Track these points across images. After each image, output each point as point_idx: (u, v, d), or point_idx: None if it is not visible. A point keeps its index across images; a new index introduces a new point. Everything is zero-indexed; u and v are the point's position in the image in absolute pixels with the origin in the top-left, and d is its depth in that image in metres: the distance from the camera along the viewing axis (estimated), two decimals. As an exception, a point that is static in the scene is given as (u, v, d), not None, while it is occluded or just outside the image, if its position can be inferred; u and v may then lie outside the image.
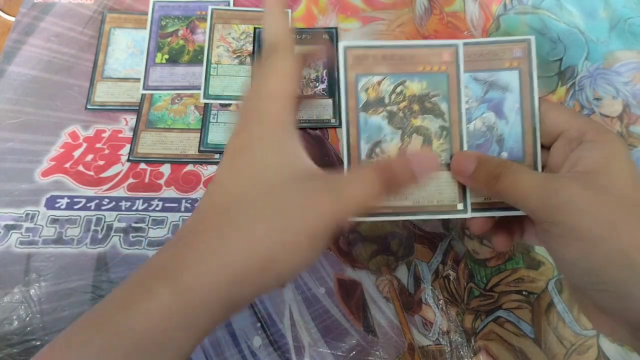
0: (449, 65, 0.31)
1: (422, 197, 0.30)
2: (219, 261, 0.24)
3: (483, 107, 0.31)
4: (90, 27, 0.49)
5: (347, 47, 0.30)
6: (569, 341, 0.36)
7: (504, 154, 0.31)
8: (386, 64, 0.30)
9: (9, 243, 0.39)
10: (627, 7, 0.51)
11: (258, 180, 0.25)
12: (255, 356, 0.36)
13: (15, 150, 0.43)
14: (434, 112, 0.31)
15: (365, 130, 0.30)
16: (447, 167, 0.30)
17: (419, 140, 0.30)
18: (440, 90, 0.31)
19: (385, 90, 0.30)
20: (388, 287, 0.38)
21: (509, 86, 0.31)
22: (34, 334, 0.36)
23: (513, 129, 0.31)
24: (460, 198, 0.30)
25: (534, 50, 0.31)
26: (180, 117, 0.46)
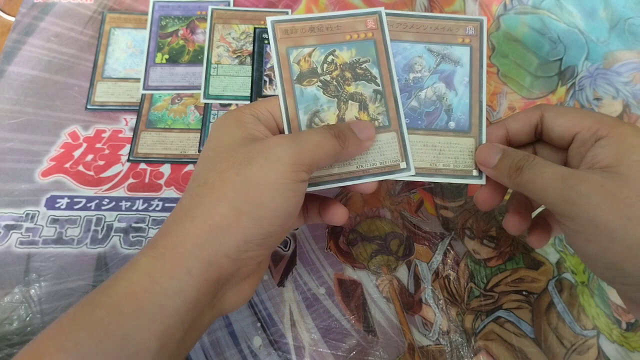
0: (374, 31, 0.32)
1: (365, 160, 0.31)
2: (191, 219, 0.25)
3: (435, 77, 0.33)
4: (90, 27, 0.49)
5: (274, 21, 0.31)
6: (569, 341, 0.36)
7: (452, 123, 0.32)
8: (314, 36, 0.31)
9: (9, 243, 0.39)
10: (627, 7, 0.51)
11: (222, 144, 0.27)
12: (255, 356, 0.36)
13: (15, 150, 0.43)
14: (366, 77, 0.32)
15: (302, 101, 0.31)
16: (385, 128, 0.31)
17: (355, 106, 0.31)
18: (370, 56, 0.32)
19: (316, 61, 0.31)
20: (388, 287, 0.38)
21: (460, 60, 0.33)
22: (34, 334, 0.36)
23: (461, 100, 0.32)
24: (402, 157, 0.31)
25: (485, 29, 0.33)
26: (180, 117, 0.46)
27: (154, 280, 0.23)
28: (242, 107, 0.29)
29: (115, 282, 0.24)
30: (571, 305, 0.38)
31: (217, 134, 0.28)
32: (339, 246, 0.40)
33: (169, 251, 0.24)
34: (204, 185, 0.26)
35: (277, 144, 0.26)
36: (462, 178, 0.32)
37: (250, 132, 0.27)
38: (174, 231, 0.25)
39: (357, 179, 0.30)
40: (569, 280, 0.39)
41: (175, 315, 0.23)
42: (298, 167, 0.25)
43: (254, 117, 0.29)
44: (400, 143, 0.31)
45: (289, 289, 0.38)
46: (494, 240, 0.40)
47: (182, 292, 0.23)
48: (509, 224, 0.32)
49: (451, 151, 0.32)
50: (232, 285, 0.27)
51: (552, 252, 0.40)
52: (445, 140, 0.32)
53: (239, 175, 0.25)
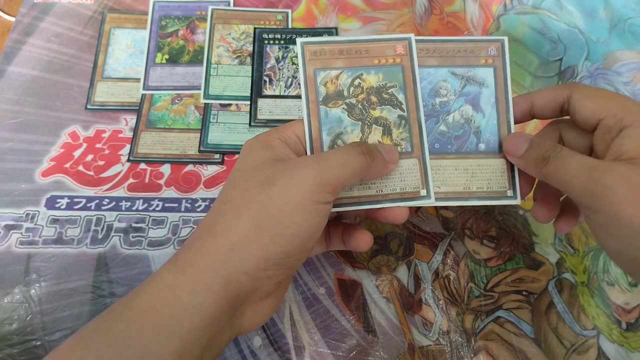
0: (403, 57, 0.32)
1: (385, 185, 0.31)
2: (213, 235, 0.25)
3: (461, 100, 0.33)
4: (90, 27, 0.49)
5: (304, 42, 0.31)
6: (569, 341, 0.36)
7: (482, 145, 0.32)
8: (343, 59, 0.31)
9: (9, 243, 0.39)
10: (627, 7, 0.51)
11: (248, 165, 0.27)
12: (255, 356, 0.36)
13: (15, 150, 0.43)
14: (391, 102, 0.32)
15: (327, 123, 0.31)
16: (408, 155, 0.31)
17: (379, 130, 0.31)
18: (396, 81, 0.32)
19: (343, 84, 0.31)
20: (388, 287, 0.38)
21: (485, 82, 0.33)
22: (34, 334, 0.36)
23: (489, 121, 0.32)
24: (423, 184, 0.31)
25: (507, 49, 0.33)
26: (180, 117, 0.46)
27: (175, 295, 0.23)
28: (271, 131, 0.29)
29: (136, 295, 0.24)
30: (571, 305, 0.38)
31: (245, 156, 0.28)
32: (339, 246, 0.40)
33: (190, 266, 0.24)
34: (227, 203, 0.26)
35: (301, 165, 0.26)
36: (497, 200, 0.32)
37: (277, 154, 0.28)
38: (196, 247, 0.25)
39: (376, 204, 0.30)
40: (569, 280, 0.39)
41: (193, 331, 0.23)
42: (321, 187, 0.25)
43: (282, 141, 0.29)
44: (422, 170, 0.31)
45: (289, 289, 0.38)
46: (494, 240, 0.40)
47: (201, 308, 0.23)
48: (538, 214, 0.31)
49: (483, 173, 0.32)
50: (251, 304, 0.27)
51: (552, 252, 0.40)
52: (476, 163, 0.32)
53: (261, 194, 0.25)
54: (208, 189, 0.42)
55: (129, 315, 0.23)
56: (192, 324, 0.23)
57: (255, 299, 0.27)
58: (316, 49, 0.31)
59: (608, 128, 0.27)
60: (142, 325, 0.22)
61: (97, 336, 0.22)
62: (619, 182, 0.24)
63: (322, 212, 0.26)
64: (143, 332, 0.22)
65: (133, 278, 0.38)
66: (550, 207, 0.31)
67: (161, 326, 0.22)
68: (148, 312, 0.23)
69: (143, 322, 0.22)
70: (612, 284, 0.38)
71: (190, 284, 0.24)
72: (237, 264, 0.24)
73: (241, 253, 0.24)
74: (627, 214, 0.23)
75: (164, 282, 0.24)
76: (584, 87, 0.29)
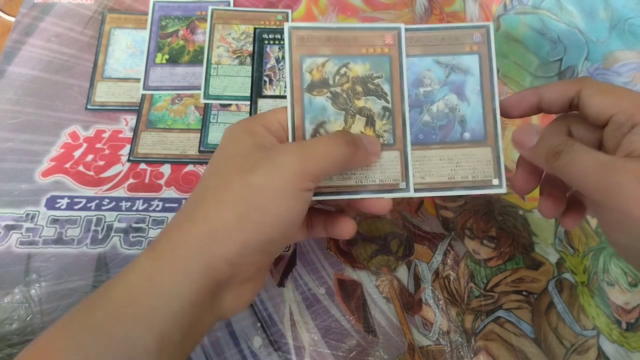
0: (391, 47, 0.31)
1: (365, 176, 0.30)
2: (192, 221, 0.25)
3: (445, 90, 0.32)
4: (90, 27, 0.49)
5: (291, 27, 0.30)
6: (569, 341, 0.36)
7: (467, 134, 0.32)
8: (330, 46, 0.31)
9: (9, 243, 0.39)
10: (627, 7, 0.51)
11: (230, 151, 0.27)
12: (255, 356, 0.36)
13: (15, 150, 0.43)
14: (377, 93, 0.31)
15: (310, 111, 0.30)
16: (390, 146, 0.31)
17: (362, 121, 0.31)
18: (383, 72, 0.31)
19: (329, 72, 0.31)
20: (388, 287, 0.38)
21: (469, 69, 0.32)
22: (35, 334, 0.36)
23: (475, 110, 0.32)
24: (403, 177, 0.31)
25: (492, 35, 0.32)
26: (181, 118, 0.46)
27: (153, 282, 0.23)
28: (254, 117, 0.29)
29: (114, 284, 0.24)
30: (571, 305, 0.38)
31: (227, 142, 0.28)
32: (339, 246, 0.40)
33: (169, 253, 0.24)
34: (208, 189, 0.26)
35: (284, 152, 0.26)
36: (482, 189, 0.31)
37: (259, 141, 0.27)
38: (175, 233, 0.25)
39: (355, 194, 0.30)
40: (569, 280, 0.39)
41: (173, 318, 0.23)
42: (304, 175, 0.25)
43: (265, 128, 0.29)
44: (402, 163, 0.31)
45: (289, 289, 0.38)
46: (494, 241, 0.40)
47: (180, 295, 0.23)
48: (544, 208, 0.31)
49: (468, 162, 0.32)
50: (231, 288, 0.26)
51: (552, 252, 0.40)
52: (461, 152, 0.32)
53: (243, 180, 0.25)
54: (208, 189, 0.42)
55: (107, 304, 0.23)
56: (172, 311, 0.23)
57: (234, 284, 0.26)
58: (304, 34, 0.30)
59: (619, 124, 0.27)
60: (121, 314, 0.22)
61: (78, 325, 0.22)
62: (630, 180, 0.23)
63: (304, 199, 0.26)
64: (123, 321, 0.22)
65: (133, 278, 0.38)
66: (557, 202, 0.31)
67: (141, 315, 0.22)
68: (127, 300, 0.23)
69: (122, 311, 0.22)
70: (612, 284, 0.38)
71: (169, 271, 0.23)
72: (216, 251, 0.24)
73: (221, 240, 0.24)
74: (638, 212, 0.23)
75: (142, 269, 0.24)
76: (595, 82, 0.29)
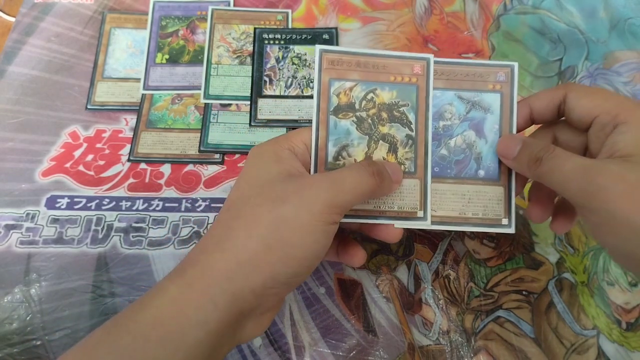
0: (419, 77, 0.32)
1: (383, 201, 0.31)
2: (222, 251, 0.25)
3: (465, 125, 0.32)
4: (90, 27, 0.50)
5: (322, 50, 0.31)
6: (569, 341, 0.36)
7: (481, 171, 0.32)
8: (359, 71, 0.31)
9: (9, 243, 0.39)
10: (627, 7, 0.51)
11: (258, 178, 0.27)
12: (255, 356, 0.36)
13: (15, 150, 0.43)
14: (401, 121, 0.31)
15: (334, 133, 0.31)
16: (410, 174, 0.31)
17: (385, 147, 0.31)
18: (409, 100, 0.32)
19: (356, 96, 0.31)
20: (388, 287, 0.38)
21: (490, 107, 0.32)
22: (35, 333, 0.36)
23: (491, 148, 0.32)
24: (421, 206, 0.31)
25: (516, 75, 0.32)
26: (181, 117, 0.46)
27: (181, 309, 0.23)
28: (280, 140, 0.29)
29: (142, 307, 0.24)
30: (571, 305, 0.38)
31: (254, 167, 0.28)
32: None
33: (197, 281, 0.24)
34: (237, 218, 0.26)
35: (313, 185, 0.26)
36: (491, 227, 0.32)
37: (287, 168, 0.27)
38: (204, 261, 0.25)
39: (372, 219, 0.30)
40: (569, 280, 0.39)
41: (197, 346, 0.23)
42: (332, 209, 0.25)
43: (291, 152, 0.29)
44: (421, 192, 0.31)
45: (289, 289, 0.38)
46: (493, 240, 0.40)
47: (206, 324, 0.23)
48: (532, 214, 0.31)
49: (480, 200, 0.32)
50: (253, 318, 0.27)
51: (552, 252, 0.40)
52: (474, 189, 0.32)
53: (272, 213, 0.25)
54: (208, 188, 0.42)
55: (135, 328, 0.23)
56: (197, 339, 0.23)
57: (257, 314, 0.27)
58: (334, 58, 0.31)
59: (603, 125, 0.27)
60: (148, 339, 0.22)
61: (103, 349, 0.23)
62: (613, 181, 0.24)
63: (331, 232, 0.26)
64: (148, 345, 0.22)
65: (133, 278, 0.38)
66: (544, 208, 0.31)
67: (166, 340, 0.22)
68: (154, 326, 0.23)
69: (149, 336, 0.22)
70: (612, 284, 0.38)
71: (197, 299, 0.24)
72: (244, 282, 0.24)
73: (249, 271, 0.24)
74: (623, 212, 0.23)
75: (170, 295, 0.24)
76: (580, 86, 0.29)
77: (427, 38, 0.50)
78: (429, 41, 0.49)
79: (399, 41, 0.49)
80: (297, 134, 0.30)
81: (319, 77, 0.31)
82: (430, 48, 0.49)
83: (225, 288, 0.24)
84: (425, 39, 0.50)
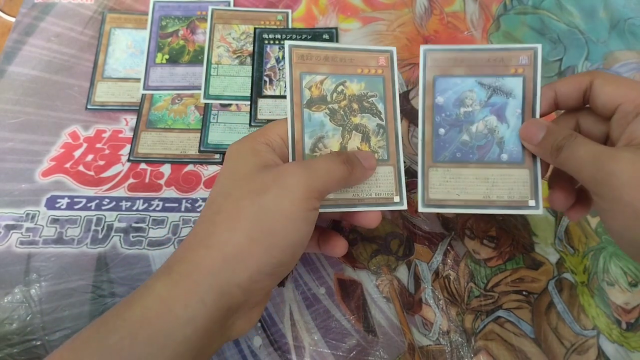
0: (384, 69, 0.33)
1: (362, 189, 0.31)
2: (206, 247, 0.25)
3: (486, 111, 0.33)
4: (90, 27, 0.50)
5: (292, 45, 0.31)
6: (569, 341, 0.36)
7: (504, 155, 0.32)
8: (328, 65, 0.32)
9: (9, 243, 0.39)
10: (627, 7, 0.51)
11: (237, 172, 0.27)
12: (255, 356, 0.36)
13: (15, 150, 0.43)
14: (371, 111, 0.33)
15: (309, 126, 0.31)
16: (384, 162, 0.32)
17: (358, 137, 0.32)
18: (377, 91, 0.33)
19: (327, 89, 0.32)
20: (388, 287, 0.38)
21: (512, 92, 0.32)
22: (34, 333, 0.36)
23: (514, 132, 0.32)
24: (397, 191, 0.32)
25: (539, 58, 0.32)
26: (181, 117, 0.46)
27: (168, 307, 0.23)
28: (256, 135, 0.30)
29: (129, 306, 0.24)
30: (571, 305, 0.38)
31: (233, 162, 0.28)
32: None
33: (184, 278, 0.24)
34: (219, 213, 0.26)
35: (290, 173, 0.26)
36: (518, 209, 0.32)
37: (264, 160, 0.28)
38: (189, 258, 0.25)
39: (352, 207, 0.31)
40: (569, 280, 0.39)
41: (185, 343, 0.23)
42: (310, 194, 0.26)
43: (268, 145, 0.29)
44: (396, 177, 0.32)
45: (289, 289, 0.38)
46: (494, 240, 0.40)
47: (193, 321, 0.23)
48: (555, 200, 0.31)
49: (505, 183, 0.32)
50: (242, 314, 0.27)
51: (552, 252, 0.40)
52: (498, 173, 0.32)
53: (254, 204, 0.25)
54: (208, 189, 0.42)
55: (122, 326, 0.23)
56: (185, 336, 0.23)
57: (245, 309, 0.27)
58: (303, 52, 0.32)
59: (625, 113, 0.27)
60: (135, 337, 0.22)
61: (90, 348, 0.22)
62: (623, 167, 0.24)
63: (311, 219, 0.26)
64: (136, 344, 0.22)
65: (133, 278, 0.38)
66: (567, 195, 0.31)
67: (154, 338, 0.22)
68: (141, 324, 0.23)
69: (136, 334, 0.22)
70: (612, 284, 0.38)
71: (184, 296, 0.24)
72: (230, 277, 0.24)
73: (234, 266, 0.24)
74: (630, 197, 0.24)
75: (157, 293, 0.24)
76: (607, 74, 0.29)
77: (427, 38, 0.50)
78: (429, 41, 0.49)
79: (399, 41, 0.49)
80: (272, 127, 0.30)
81: (290, 72, 0.31)
82: (430, 48, 0.49)
83: (211, 284, 0.24)
84: (425, 39, 0.50)
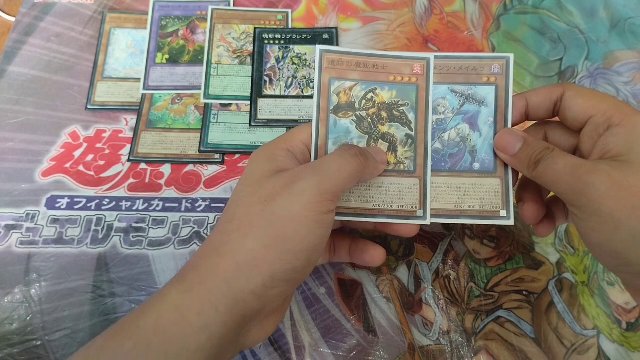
0: (419, 77, 0.32)
1: (383, 200, 0.31)
2: (220, 255, 0.25)
3: (458, 119, 0.32)
4: (90, 27, 0.49)
5: (323, 50, 0.31)
6: (569, 341, 0.36)
7: (476, 164, 0.32)
8: (359, 71, 0.31)
9: (9, 243, 0.39)
10: (627, 7, 0.51)
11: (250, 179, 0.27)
12: (255, 356, 0.36)
13: (15, 150, 0.43)
14: (401, 120, 0.32)
15: (334, 132, 0.31)
16: (409, 174, 0.31)
17: (384, 146, 0.31)
18: (409, 100, 0.32)
19: (356, 96, 0.31)
20: (388, 287, 0.38)
21: (485, 100, 0.32)
22: (35, 334, 0.36)
23: (486, 141, 0.32)
24: (421, 205, 0.31)
25: (511, 67, 0.32)
26: (181, 117, 0.46)
27: (181, 314, 0.23)
28: (278, 140, 0.29)
29: (143, 313, 0.24)
30: (571, 305, 0.38)
31: (249, 169, 0.28)
32: (339, 246, 0.40)
33: (198, 286, 0.24)
34: (232, 220, 0.26)
35: (301, 177, 0.26)
36: (489, 219, 0.31)
37: (279, 166, 0.27)
38: (203, 266, 0.25)
39: (372, 217, 0.30)
40: (569, 280, 0.39)
41: (200, 351, 0.23)
42: (322, 197, 0.25)
43: (289, 152, 0.29)
44: (421, 191, 0.31)
45: (289, 289, 0.38)
46: (494, 240, 0.40)
47: (208, 328, 0.23)
48: (526, 213, 0.31)
49: (476, 192, 0.32)
50: (257, 322, 0.26)
51: (552, 252, 0.40)
52: (469, 182, 0.32)
53: (265, 210, 0.25)
54: (208, 189, 0.42)
55: (137, 333, 0.23)
56: (199, 344, 0.23)
57: (261, 317, 0.26)
58: (334, 58, 0.31)
59: (596, 125, 0.27)
60: (150, 345, 0.22)
61: (105, 354, 0.23)
62: (601, 179, 0.24)
63: (326, 222, 0.26)
64: (150, 351, 0.22)
65: (133, 278, 0.38)
66: (539, 207, 0.31)
67: (169, 346, 0.22)
68: (155, 331, 0.23)
69: (151, 342, 0.22)
70: (612, 284, 0.38)
71: (198, 304, 0.24)
72: (243, 284, 0.24)
73: (247, 272, 0.24)
74: (609, 209, 0.24)
75: (170, 301, 0.24)
76: (578, 86, 0.29)
77: (427, 38, 0.50)
78: (429, 41, 0.49)
79: (399, 41, 0.49)
80: (295, 133, 0.30)
81: (319, 77, 0.31)
82: (431, 48, 0.49)
83: (225, 292, 0.24)
84: (426, 39, 0.50)
